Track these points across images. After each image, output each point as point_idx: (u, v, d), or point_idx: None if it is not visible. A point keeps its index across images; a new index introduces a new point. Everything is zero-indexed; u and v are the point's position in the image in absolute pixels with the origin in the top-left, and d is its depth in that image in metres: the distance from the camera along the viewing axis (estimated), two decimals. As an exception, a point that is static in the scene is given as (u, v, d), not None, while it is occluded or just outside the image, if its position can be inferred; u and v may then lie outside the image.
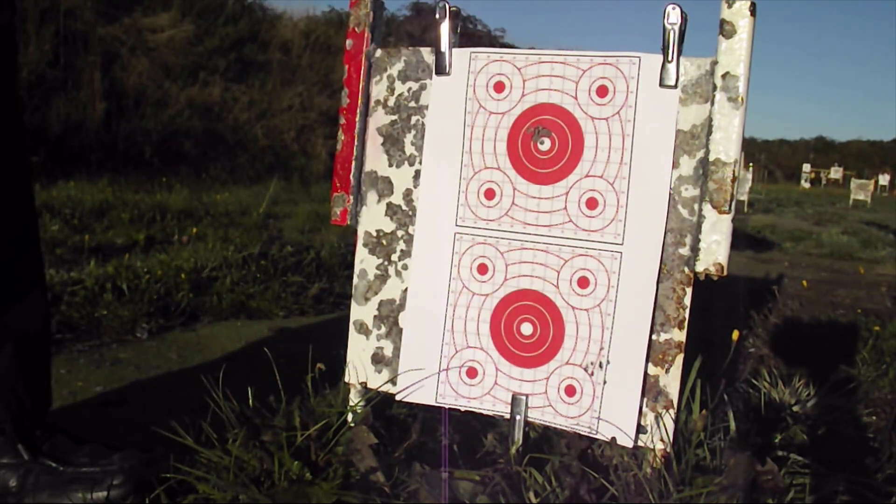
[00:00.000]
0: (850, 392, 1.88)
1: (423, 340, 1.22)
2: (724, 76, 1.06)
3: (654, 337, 1.10)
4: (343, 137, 1.28)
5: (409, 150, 1.25)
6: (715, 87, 1.06)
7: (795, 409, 1.59)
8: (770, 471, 1.09)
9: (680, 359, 1.09)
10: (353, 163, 1.27)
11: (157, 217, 4.43)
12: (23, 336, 1.16)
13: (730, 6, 1.05)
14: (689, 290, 1.09)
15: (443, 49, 1.21)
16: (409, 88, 1.25)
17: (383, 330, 1.27)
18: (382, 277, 1.27)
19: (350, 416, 1.23)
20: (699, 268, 1.08)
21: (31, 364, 1.18)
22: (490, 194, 1.19)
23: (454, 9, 1.20)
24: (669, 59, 1.08)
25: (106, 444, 1.17)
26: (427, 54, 1.24)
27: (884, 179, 28.22)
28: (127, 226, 4.06)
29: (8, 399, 1.13)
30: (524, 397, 1.17)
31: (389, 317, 1.26)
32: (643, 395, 1.10)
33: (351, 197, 1.27)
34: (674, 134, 1.09)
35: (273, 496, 1.03)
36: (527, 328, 1.18)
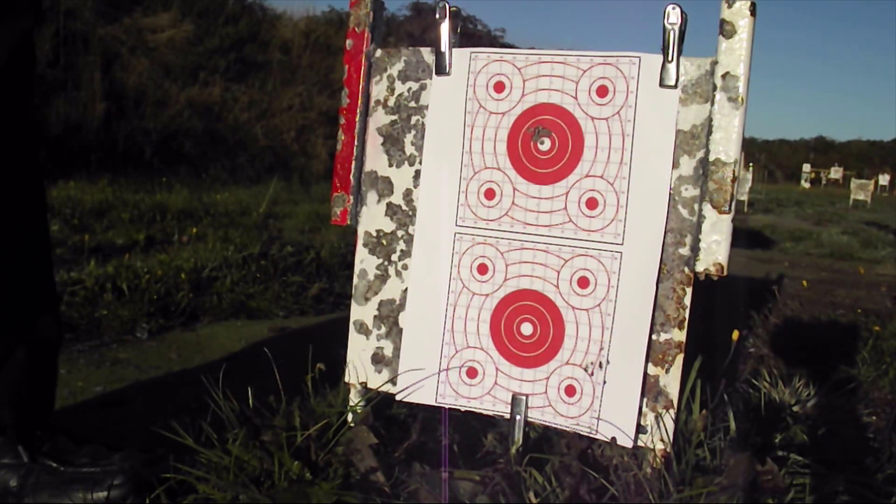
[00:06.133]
0: (850, 392, 1.88)
1: (423, 340, 1.22)
2: (724, 76, 1.06)
3: (654, 337, 1.10)
4: (343, 137, 1.28)
5: (409, 150, 1.25)
6: (715, 87, 1.06)
7: (795, 409, 1.59)
8: (770, 471, 1.09)
9: (680, 359, 1.09)
10: (353, 163, 1.27)
11: (157, 217, 4.42)
12: (34, 342, 1.16)
13: (730, 6, 1.05)
14: (689, 290, 1.09)
15: (443, 49, 1.21)
16: (409, 88, 1.25)
17: (383, 330, 1.27)
18: (382, 277, 1.27)
19: (350, 416, 1.23)
20: (699, 268, 1.08)
21: (40, 370, 1.18)
22: (490, 194, 1.19)
23: (454, 9, 1.20)
24: (669, 59, 1.08)
25: (106, 444, 1.17)
26: (427, 54, 1.24)
27: (884, 179, 28.23)
28: (127, 226, 4.05)
29: (14, 402, 1.13)
30: (524, 397, 1.17)
31: (389, 317, 1.26)
32: (643, 395, 1.10)
33: (351, 197, 1.28)
34: (674, 134, 1.09)
35: (273, 496, 1.03)
36: (527, 328, 1.18)
